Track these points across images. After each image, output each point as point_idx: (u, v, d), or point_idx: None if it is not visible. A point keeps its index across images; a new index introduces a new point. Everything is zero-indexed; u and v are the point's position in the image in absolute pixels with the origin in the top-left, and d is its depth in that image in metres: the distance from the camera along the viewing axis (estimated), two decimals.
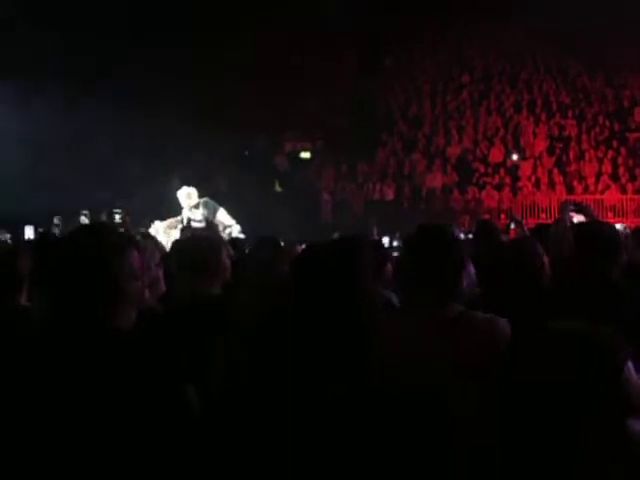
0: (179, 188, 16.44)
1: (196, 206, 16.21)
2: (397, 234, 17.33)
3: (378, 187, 27.21)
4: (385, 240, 16.91)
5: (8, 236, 15.04)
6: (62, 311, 2.74)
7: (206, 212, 16.23)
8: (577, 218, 6.38)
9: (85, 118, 23.28)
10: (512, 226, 13.97)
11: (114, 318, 2.75)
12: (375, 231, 15.81)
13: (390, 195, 26.95)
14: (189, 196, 16.29)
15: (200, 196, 16.11)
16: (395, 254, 9.03)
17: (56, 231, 16.11)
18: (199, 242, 5.22)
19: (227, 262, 4.98)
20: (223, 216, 16.45)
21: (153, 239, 6.52)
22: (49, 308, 2.88)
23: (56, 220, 17.91)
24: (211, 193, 17.13)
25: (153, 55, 26.78)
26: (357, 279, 2.78)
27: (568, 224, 6.02)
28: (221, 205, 16.45)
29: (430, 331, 3.29)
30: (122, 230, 10.94)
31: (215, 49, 28.73)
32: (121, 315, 2.78)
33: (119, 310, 2.77)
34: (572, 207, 6.33)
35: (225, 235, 15.11)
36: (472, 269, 4.37)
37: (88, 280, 2.72)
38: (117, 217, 17.82)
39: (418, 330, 3.32)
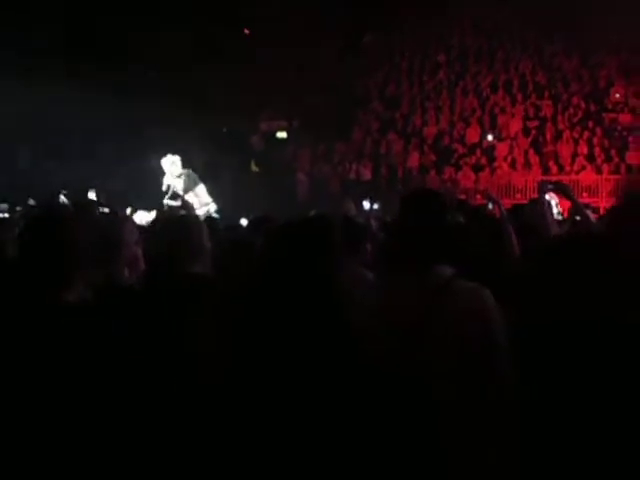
0: (157, 167, 16.54)
1: (179, 176, 16.32)
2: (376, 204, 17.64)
3: (354, 167, 27.20)
4: (366, 205, 17.15)
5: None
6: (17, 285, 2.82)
7: (187, 183, 16.34)
8: (552, 198, 6.40)
9: (67, 100, 23.19)
10: (489, 206, 14.01)
11: (63, 291, 2.81)
12: (351, 209, 15.87)
13: (367, 175, 26.94)
14: (173, 164, 16.45)
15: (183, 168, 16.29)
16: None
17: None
18: (178, 221, 5.21)
19: (207, 242, 4.97)
20: (202, 192, 16.57)
21: (131, 219, 6.52)
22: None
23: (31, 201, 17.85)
24: None
25: (134, 37, 26.66)
26: (327, 254, 2.80)
27: (546, 204, 6.02)
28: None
29: (414, 299, 3.24)
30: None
31: (195, 30, 28.52)
32: (72, 288, 2.84)
33: (70, 281, 2.83)
34: (550, 187, 6.32)
35: (201, 213, 15.14)
36: None
37: (37, 251, 2.82)
38: (92, 196, 17.82)
39: (403, 298, 3.29)
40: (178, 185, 16.42)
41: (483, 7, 32.78)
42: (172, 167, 16.44)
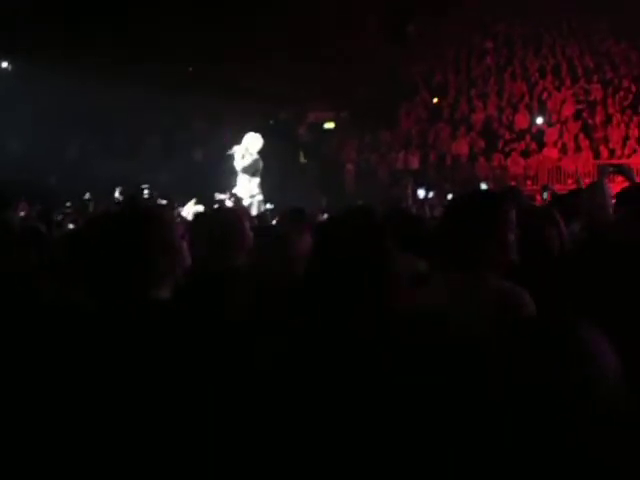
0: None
1: (248, 155, 16.29)
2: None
3: (402, 156, 27.13)
4: (421, 193, 17.19)
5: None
6: (100, 287, 2.83)
7: (250, 166, 16.29)
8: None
9: (116, 96, 23.49)
10: (545, 196, 13.91)
11: (150, 289, 2.83)
12: (410, 189, 15.84)
13: (415, 164, 26.85)
14: (253, 141, 16.45)
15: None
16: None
17: (90, 207, 16.15)
18: (221, 214, 5.22)
19: (249, 234, 4.95)
20: (256, 183, 16.54)
21: (174, 211, 6.54)
22: (87, 284, 2.96)
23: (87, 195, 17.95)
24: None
25: (182, 30, 26.82)
26: (374, 247, 2.81)
27: (607, 188, 5.90)
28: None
29: (458, 298, 3.24)
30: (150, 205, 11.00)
31: (242, 24, 28.57)
32: (158, 286, 2.86)
33: (154, 281, 2.84)
34: (611, 169, 6.22)
35: (247, 203, 15.16)
36: None
37: (121, 253, 2.80)
38: (145, 192, 17.92)
39: (445, 297, 3.28)
40: (243, 162, 16.43)
41: None
42: (251, 144, 16.45)
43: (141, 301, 2.77)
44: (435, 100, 29.97)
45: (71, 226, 11.54)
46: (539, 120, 27.10)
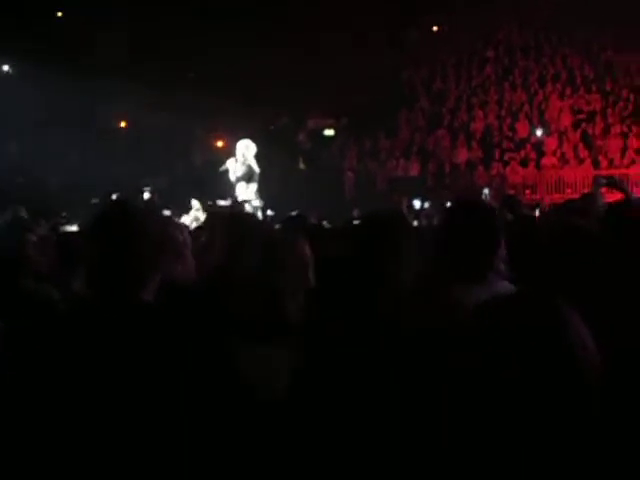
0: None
1: (244, 162, 16.34)
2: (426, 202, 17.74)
3: (402, 163, 27.16)
4: (417, 203, 17.25)
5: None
6: (92, 286, 2.79)
7: (247, 173, 16.32)
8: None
9: (115, 99, 23.55)
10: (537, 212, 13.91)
11: (140, 290, 2.77)
12: (405, 204, 15.87)
13: (414, 171, 26.88)
14: (248, 147, 16.50)
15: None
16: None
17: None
18: (238, 217, 5.25)
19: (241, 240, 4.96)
20: (253, 189, 16.56)
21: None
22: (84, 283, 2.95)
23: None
24: None
25: (183, 36, 26.93)
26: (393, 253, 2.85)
27: (600, 199, 5.96)
28: None
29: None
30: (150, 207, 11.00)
31: (245, 26, 28.60)
32: (147, 287, 2.81)
33: (144, 282, 2.80)
34: (604, 181, 6.27)
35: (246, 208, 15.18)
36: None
37: (114, 253, 2.73)
38: (145, 195, 17.92)
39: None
40: (238, 171, 16.46)
41: (530, 1, 32.59)
42: (246, 151, 16.51)
43: (118, 300, 2.71)
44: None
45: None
46: (538, 130, 27.12)
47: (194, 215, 14.99)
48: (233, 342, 2.89)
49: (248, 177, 16.42)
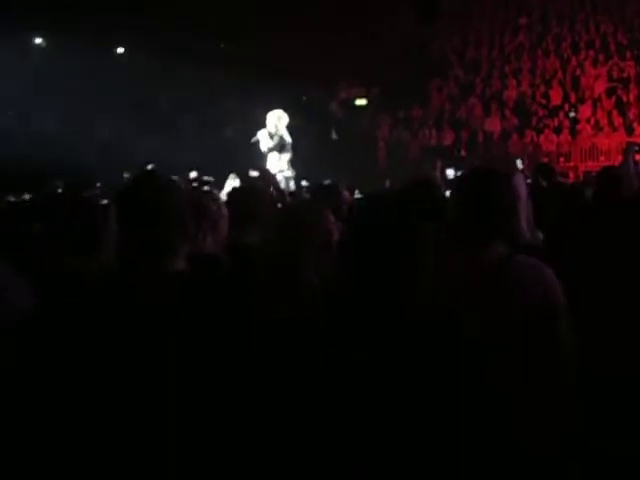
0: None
1: (275, 133, 16.30)
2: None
3: (434, 133, 27.05)
4: (450, 173, 17.20)
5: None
6: (124, 256, 2.82)
7: (278, 144, 16.29)
8: None
9: (148, 74, 23.56)
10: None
11: (172, 259, 2.78)
12: (439, 169, 15.75)
13: (447, 140, 26.77)
14: (280, 119, 16.45)
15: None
16: None
17: None
18: (249, 191, 5.30)
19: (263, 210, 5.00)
20: (285, 159, 16.52)
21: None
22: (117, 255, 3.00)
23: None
24: None
25: (212, 8, 26.85)
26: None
27: (632, 166, 5.95)
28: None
29: (475, 273, 3.23)
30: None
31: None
32: (178, 255, 2.81)
33: (176, 250, 2.79)
34: (637, 148, 6.25)
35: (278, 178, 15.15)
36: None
37: (144, 222, 2.75)
38: (192, 174, 17.88)
39: (462, 270, 3.28)
40: (269, 142, 16.46)
41: None
42: (278, 122, 16.48)
43: (153, 272, 2.72)
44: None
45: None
46: (572, 97, 26.86)
47: (232, 186, 15.00)
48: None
49: (280, 147, 16.43)
